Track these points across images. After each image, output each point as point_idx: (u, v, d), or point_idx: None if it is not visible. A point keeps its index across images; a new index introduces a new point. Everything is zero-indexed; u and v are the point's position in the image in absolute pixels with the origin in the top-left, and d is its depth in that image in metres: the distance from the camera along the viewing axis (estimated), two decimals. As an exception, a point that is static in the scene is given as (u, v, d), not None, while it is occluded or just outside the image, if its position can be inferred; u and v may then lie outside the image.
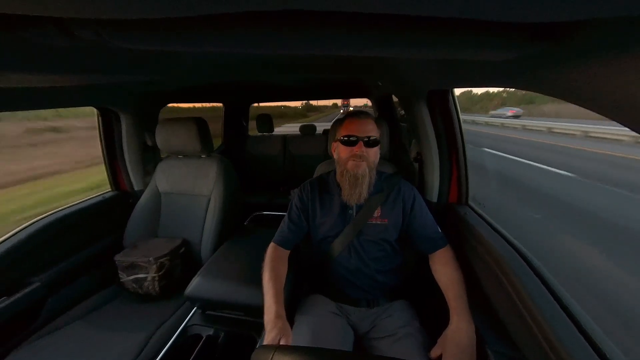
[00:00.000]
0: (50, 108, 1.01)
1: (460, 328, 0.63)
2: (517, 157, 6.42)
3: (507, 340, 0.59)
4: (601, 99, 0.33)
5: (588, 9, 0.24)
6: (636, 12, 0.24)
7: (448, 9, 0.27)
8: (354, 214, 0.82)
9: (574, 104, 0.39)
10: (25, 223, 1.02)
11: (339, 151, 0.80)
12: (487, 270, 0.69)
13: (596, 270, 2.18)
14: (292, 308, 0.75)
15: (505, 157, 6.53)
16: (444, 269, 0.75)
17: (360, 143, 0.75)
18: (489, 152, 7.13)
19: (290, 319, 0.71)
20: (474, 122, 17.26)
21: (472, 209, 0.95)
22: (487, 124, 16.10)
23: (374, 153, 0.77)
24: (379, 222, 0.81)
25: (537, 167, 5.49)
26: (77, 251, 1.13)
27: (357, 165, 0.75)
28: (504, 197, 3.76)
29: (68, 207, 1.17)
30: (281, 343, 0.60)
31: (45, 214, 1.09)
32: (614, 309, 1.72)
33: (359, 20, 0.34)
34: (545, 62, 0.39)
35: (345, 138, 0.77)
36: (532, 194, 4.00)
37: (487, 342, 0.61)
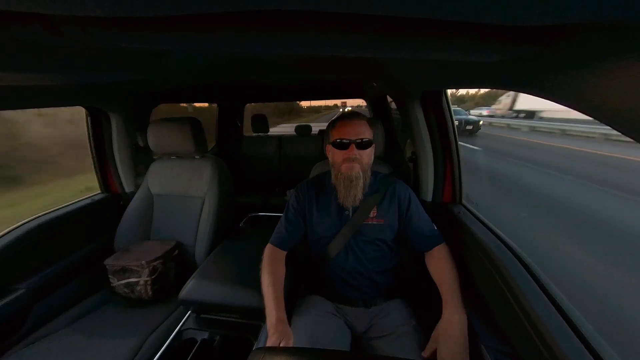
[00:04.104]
0: (37, 107, 0.98)
1: (451, 320, 0.64)
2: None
3: (500, 336, 0.60)
4: (585, 99, 0.34)
5: (574, 13, 0.25)
6: (618, 18, 0.25)
7: (441, 11, 0.27)
8: (351, 214, 0.82)
9: (561, 104, 0.40)
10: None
11: (333, 155, 0.80)
12: (481, 267, 0.70)
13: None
14: (289, 308, 0.75)
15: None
16: (439, 264, 0.76)
17: (352, 146, 0.75)
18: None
19: (288, 319, 0.71)
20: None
21: (466, 207, 0.96)
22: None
23: (367, 154, 0.78)
24: (375, 223, 0.81)
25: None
26: (65, 256, 1.09)
27: (350, 168, 0.75)
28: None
29: (55, 210, 1.13)
30: (281, 346, 0.60)
31: (30, 218, 1.05)
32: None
33: (353, 21, 0.34)
34: (534, 64, 0.40)
35: (338, 141, 0.77)
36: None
37: (481, 337, 0.62)
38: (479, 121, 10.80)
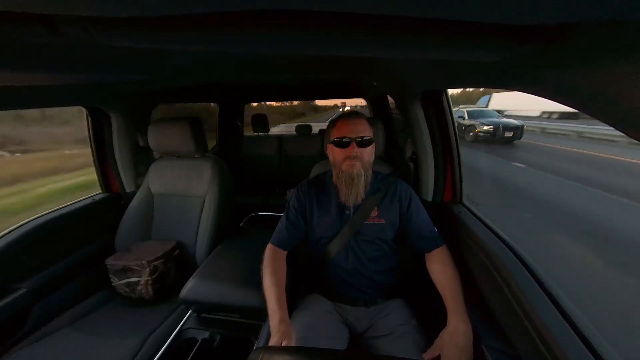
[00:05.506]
0: (37, 108, 0.98)
1: (458, 329, 0.63)
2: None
3: (501, 336, 0.60)
4: (586, 99, 0.34)
5: (574, 13, 0.25)
6: (620, 17, 0.25)
7: (441, 10, 0.27)
8: (351, 214, 0.82)
9: (561, 103, 0.40)
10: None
11: (333, 153, 0.80)
12: (481, 268, 0.70)
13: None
14: (289, 308, 0.75)
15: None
16: (440, 268, 0.76)
17: (353, 144, 0.75)
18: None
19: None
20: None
21: (467, 207, 0.96)
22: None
23: (368, 153, 0.78)
24: (376, 222, 0.81)
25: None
26: (66, 255, 1.10)
27: (351, 165, 0.75)
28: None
29: (56, 209, 1.13)
30: (283, 345, 0.60)
31: (32, 218, 1.05)
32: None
33: (353, 21, 0.34)
34: (534, 63, 0.40)
35: (338, 139, 0.77)
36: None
37: (482, 338, 0.62)
38: (522, 125, 7.97)
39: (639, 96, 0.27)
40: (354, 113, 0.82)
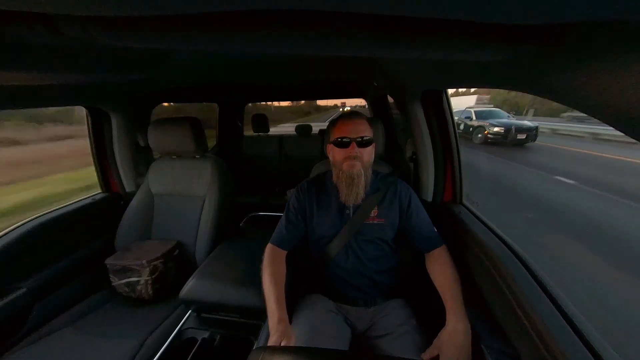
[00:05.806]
0: (37, 107, 0.98)
1: (456, 329, 0.63)
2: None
3: (500, 336, 0.60)
4: (586, 99, 0.34)
5: (575, 12, 0.25)
6: (620, 17, 0.25)
7: (441, 10, 0.27)
8: (351, 214, 0.82)
9: (561, 103, 0.40)
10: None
11: (334, 153, 0.80)
12: (481, 267, 0.70)
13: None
14: (290, 308, 0.75)
15: None
16: (440, 268, 0.76)
17: (353, 144, 0.75)
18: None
19: (289, 319, 0.71)
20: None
21: (467, 207, 0.96)
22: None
23: (368, 153, 0.78)
24: (375, 222, 0.81)
25: None
26: (66, 255, 1.10)
27: (352, 166, 0.75)
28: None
29: (56, 209, 1.13)
30: (282, 345, 0.60)
31: (32, 217, 1.05)
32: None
33: (353, 21, 0.34)
34: (534, 63, 0.40)
35: (339, 140, 0.77)
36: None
37: (482, 338, 0.62)
38: (537, 127, 7.36)
39: (639, 96, 0.27)
40: (354, 113, 0.81)
